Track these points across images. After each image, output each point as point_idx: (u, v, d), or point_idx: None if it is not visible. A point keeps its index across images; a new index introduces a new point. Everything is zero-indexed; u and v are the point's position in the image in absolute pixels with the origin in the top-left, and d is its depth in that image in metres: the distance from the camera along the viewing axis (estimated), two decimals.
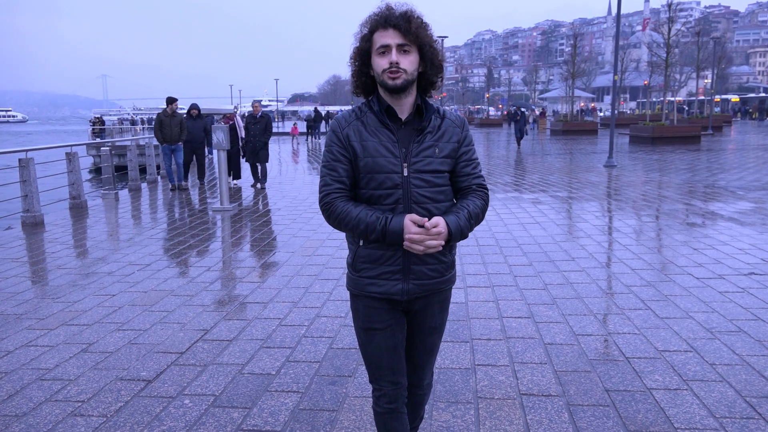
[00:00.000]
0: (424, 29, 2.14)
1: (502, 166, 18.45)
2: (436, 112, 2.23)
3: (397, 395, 2.36)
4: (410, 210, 2.14)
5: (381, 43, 2.11)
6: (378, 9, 2.15)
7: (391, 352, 2.31)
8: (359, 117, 2.20)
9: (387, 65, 2.10)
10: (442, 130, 2.21)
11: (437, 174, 2.18)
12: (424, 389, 2.55)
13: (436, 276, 2.27)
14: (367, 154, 2.15)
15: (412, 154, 2.15)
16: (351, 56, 2.22)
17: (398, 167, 2.14)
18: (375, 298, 2.26)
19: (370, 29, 2.15)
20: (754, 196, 11.44)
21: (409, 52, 2.12)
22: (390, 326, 2.29)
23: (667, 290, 5.51)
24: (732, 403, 3.40)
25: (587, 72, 61.69)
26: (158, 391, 3.66)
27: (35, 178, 9.52)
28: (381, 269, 2.22)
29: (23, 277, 6.31)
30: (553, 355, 4.12)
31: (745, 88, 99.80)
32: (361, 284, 2.28)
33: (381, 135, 2.16)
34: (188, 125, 13.82)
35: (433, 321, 2.39)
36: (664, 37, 29.39)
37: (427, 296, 2.31)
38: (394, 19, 2.10)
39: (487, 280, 5.92)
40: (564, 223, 8.96)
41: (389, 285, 2.22)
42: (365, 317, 2.31)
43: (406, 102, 2.19)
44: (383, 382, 2.34)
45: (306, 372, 3.91)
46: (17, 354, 4.26)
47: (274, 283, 5.94)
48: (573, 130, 38.63)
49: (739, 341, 4.29)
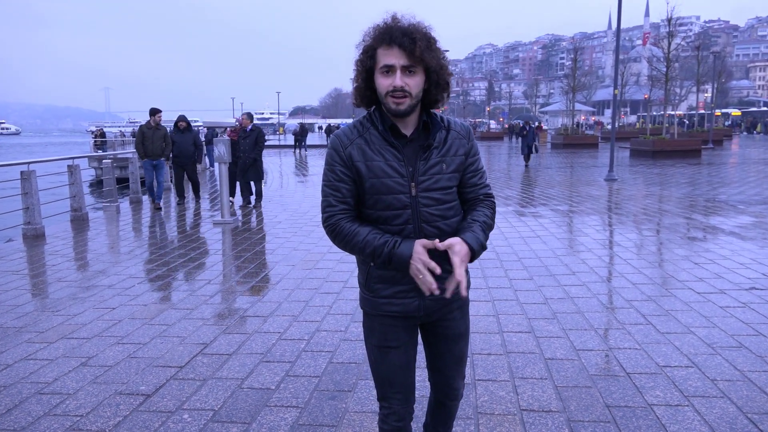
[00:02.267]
0: (430, 48, 2.01)
1: (503, 179, 18.47)
2: (442, 124, 2.14)
3: (406, 413, 2.34)
4: (420, 229, 2.09)
5: (385, 63, 1.99)
6: (383, 21, 2.02)
7: (404, 369, 2.29)
8: (362, 134, 2.11)
9: (391, 87, 1.99)
10: (448, 144, 2.13)
11: (446, 191, 2.12)
12: (459, 398, 2.51)
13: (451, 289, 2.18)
14: (372, 175, 2.06)
15: (419, 172, 2.08)
16: (354, 67, 2.10)
17: (406, 187, 2.06)
18: (392, 317, 2.22)
19: (372, 44, 2.02)
20: (755, 210, 11.43)
21: (415, 72, 2.01)
22: (404, 345, 2.27)
23: (668, 305, 5.49)
24: (733, 420, 3.38)
25: (588, 86, 62.00)
26: (157, 406, 3.65)
27: (37, 190, 9.54)
28: (395, 288, 2.18)
29: (23, 289, 6.31)
30: (554, 370, 4.10)
31: (746, 102, 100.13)
32: (376, 304, 2.23)
33: (386, 154, 2.07)
34: (176, 139, 12.89)
35: (457, 328, 2.34)
36: (664, 51, 29.52)
37: (445, 307, 2.26)
38: (399, 38, 1.96)
39: (488, 294, 5.91)
40: (565, 237, 8.96)
41: (405, 303, 2.19)
42: (381, 336, 2.25)
43: (411, 119, 2.10)
44: (394, 401, 2.30)
45: (306, 387, 3.89)
46: (16, 367, 4.25)
47: (274, 296, 5.93)
48: (573, 143, 38.73)
49: (740, 357, 4.28)
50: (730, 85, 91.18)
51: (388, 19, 2.01)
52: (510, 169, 22.50)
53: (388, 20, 2.01)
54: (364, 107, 2.16)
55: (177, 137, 12.95)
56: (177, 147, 12.86)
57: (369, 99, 2.11)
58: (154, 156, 12.31)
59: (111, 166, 13.73)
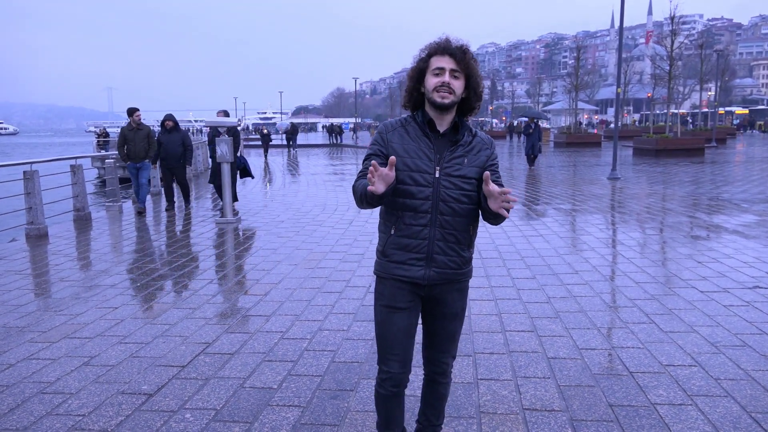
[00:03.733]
0: (474, 61, 2.52)
1: (505, 178, 18.46)
2: (469, 130, 2.60)
3: (402, 380, 2.67)
4: (436, 206, 2.51)
5: (437, 66, 2.49)
6: (438, 39, 2.55)
7: (405, 333, 2.62)
8: (404, 125, 2.60)
9: (439, 83, 2.47)
10: (472, 145, 2.58)
11: (464, 179, 2.52)
12: (448, 377, 2.80)
13: (454, 267, 2.58)
14: (407, 155, 2.52)
15: (444, 160, 2.52)
16: (408, 74, 2.61)
17: (432, 169, 2.50)
18: (400, 280, 2.58)
19: (428, 53, 2.53)
20: (758, 209, 11.40)
21: (459, 78, 2.50)
22: (409, 308, 2.61)
23: (671, 304, 5.48)
24: (737, 419, 3.37)
25: (590, 84, 61.82)
26: (159, 405, 3.65)
27: (40, 190, 9.55)
28: (408, 255, 2.56)
29: (26, 289, 6.31)
30: (557, 369, 4.09)
31: (749, 100, 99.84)
32: (389, 268, 2.60)
33: (420, 141, 2.54)
34: (163, 140, 11.87)
35: (454, 307, 2.68)
36: (667, 49, 29.49)
37: (445, 284, 2.60)
38: (451, 49, 2.48)
39: (491, 293, 5.91)
40: (567, 235, 8.94)
41: (413, 270, 2.55)
42: (390, 297, 2.61)
43: (447, 118, 2.56)
44: (392, 363, 2.63)
45: (308, 386, 3.89)
46: (19, 367, 4.25)
47: (276, 295, 5.93)
48: (576, 142, 38.67)
49: (744, 356, 4.26)
50: (733, 84, 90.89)
51: (442, 37, 2.55)
52: (512, 168, 22.47)
53: (443, 38, 2.54)
54: (410, 108, 2.64)
55: (164, 138, 11.94)
56: (164, 149, 11.90)
57: (415, 100, 2.60)
58: (138, 158, 11.47)
59: (114, 165, 13.74)
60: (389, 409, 2.72)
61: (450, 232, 2.53)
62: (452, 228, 2.53)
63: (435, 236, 2.52)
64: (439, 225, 2.51)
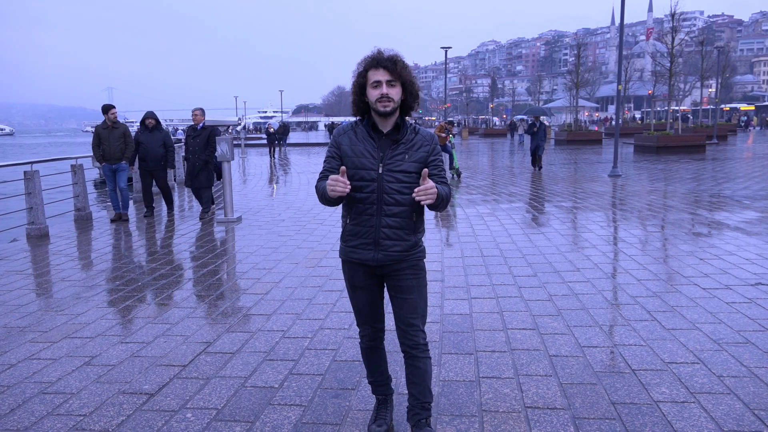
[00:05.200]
0: (405, 69, 2.84)
1: (506, 176, 18.43)
2: (412, 129, 2.93)
3: (376, 336, 3.19)
4: (381, 199, 2.84)
5: (374, 79, 2.81)
6: (371, 53, 2.84)
7: (369, 305, 3.10)
8: (353, 128, 2.95)
9: (379, 95, 2.79)
10: (413, 142, 2.89)
11: (405, 173, 2.85)
12: (423, 351, 3.02)
13: (400, 250, 2.92)
14: (354, 154, 2.88)
15: (387, 157, 2.85)
16: (351, 88, 2.91)
17: (375, 166, 2.85)
18: (355, 263, 2.99)
19: (365, 68, 2.84)
20: (760, 205, 11.38)
21: (395, 85, 2.81)
22: (367, 285, 3.04)
23: (674, 301, 5.46)
24: (740, 416, 3.36)
25: (591, 82, 61.79)
26: (160, 405, 3.64)
27: (40, 190, 9.54)
28: (359, 241, 2.94)
29: (27, 289, 6.31)
30: (559, 367, 4.08)
31: (750, 97, 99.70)
32: (346, 252, 3.02)
33: (366, 142, 2.88)
34: (142, 140, 10.88)
35: (408, 282, 2.98)
36: (668, 46, 29.45)
37: (395, 263, 2.94)
38: (384, 62, 2.79)
39: (492, 291, 5.89)
40: (569, 233, 8.93)
41: (364, 253, 2.94)
42: (349, 277, 3.07)
43: (390, 121, 2.89)
44: (365, 326, 3.17)
45: (309, 385, 3.88)
46: (20, 367, 4.25)
47: (277, 294, 5.92)
48: (577, 139, 38.63)
49: (746, 353, 4.25)
50: (734, 80, 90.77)
51: (375, 51, 2.84)
52: (513, 166, 22.45)
53: (375, 52, 2.83)
54: (359, 116, 2.96)
55: (143, 137, 10.92)
56: (143, 149, 10.90)
57: (362, 109, 2.93)
58: (114, 159, 10.55)
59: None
60: (371, 359, 3.24)
61: (394, 220, 2.87)
62: (396, 216, 2.86)
63: (381, 224, 2.87)
64: (384, 214, 2.86)
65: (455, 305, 5.41)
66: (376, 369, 3.27)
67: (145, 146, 10.89)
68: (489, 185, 15.62)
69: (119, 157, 10.57)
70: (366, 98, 2.87)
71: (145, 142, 10.89)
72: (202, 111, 11.00)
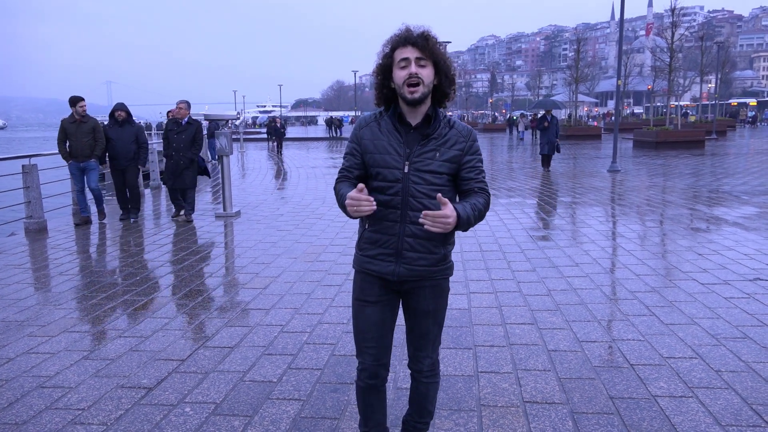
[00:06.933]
0: (438, 46, 2.42)
1: (505, 171, 18.42)
2: (447, 122, 2.50)
3: (378, 372, 2.62)
4: (406, 202, 2.43)
5: (401, 57, 2.39)
6: (399, 30, 2.45)
7: (378, 325, 2.57)
8: (377, 119, 2.54)
9: (407, 76, 2.36)
10: (447, 138, 2.47)
11: (435, 174, 2.44)
12: (427, 377, 2.70)
13: (425, 264, 2.50)
14: (376, 150, 2.47)
15: (414, 154, 2.44)
16: (374, 71, 2.51)
17: (400, 164, 2.43)
18: (370, 274, 2.55)
19: (391, 47, 2.44)
20: (758, 200, 11.38)
21: (426, 66, 2.39)
22: (381, 302, 2.57)
23: (672, 296, 5.47)
24: (738, 411, 3.36)
25: (591, 77, 61.69)
26: (159, 399, 3.64)
27: (39, 184, 9.52)
28: (378, 250, 2.51)
29: (26, 283, 6.30)
30: (557, 362, 4.08)
31: (749, 92, 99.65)
32: (361, 261, 2.58)
33: (390, 136, 2.47)
34: (112, 135, 9.70)
35: (426, 305, 2.59)
36: (668, 41, 29.39)
37: (417, 281, 2.53)
38: (413, 38, 2.38)
39: (491, 285, 5.89)
40: (568, 228, 8.93)
41: (383, 265, 2.51)
42: (360, 290, 2.60)
43: (420, 111, 2.46)
44: (366, 356, 2.60)
45: (308, 379, 3.88)
46: (18, 361, 4.24)
47: (276, 289, 5.92)
48: (576, 135, 38.60)
49: (744, 348, 4.25)
50: (733, 76, 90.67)
51: (402, 28, 2.45)
52: (512, 161, 22.44)
53: (403, 29, 2.44)
54: (383, 105, 2.55)
55: (114, 133, 9.75)
56: (113, 146, 9.74)
57: (386, 97, 2.51)
58: (82, 157, 9.50)
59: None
60: (367, 402, 2.69)
61: (421, 228, 2.38)
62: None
63: (405, 232, 2.45)
64: (409, 221, 2.43)
65: (454, 300, 5.41)
66: (371, 416, 2.73)
67: (116, 142, 9.73)
68: (488, 180, 15.54)
69: (88, 155, 9.52)
70: (392, 83, 2.45)
71: (115, 138, 9.74)
72: (188, 104, 10.05)
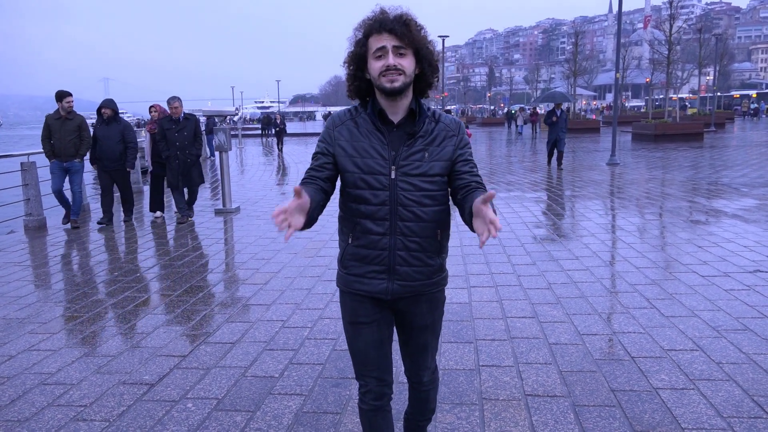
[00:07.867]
0: (419, 31, 2.13)
1: (503, 165, 18.41)
2: (431, 115, 2.22)
3: (383, 393, 2.36)
4: (395, 212, 2.15)
5: (377, 46, 2.09)
6: (372, 13, 2.14)
7: (377, 346, 2.31)
8: (353, 117, 2.22)
9: (384, 68, 2.07)
10: (434, 134, 2.19)
11: (425, 178, 2.16)
12: (426, 385, 2.53)
13: (420, 278, 2.24)
14: (357, 154, 2.16)
15: (401, 157, 2.14)
16: (345, 61, 2.21)
17: (386, 169, 2.14)
18: (360, 295, 2.27)
19: (364, 34, 2.13)
20: (758, 192, 11.39)
21: (405, 54, 2.10)
22: (376, 321, 2.29)
23: (672, 288, 5.47)
24: (739, 403, 3.37)
25: (589, 70, 61.70)
26: (161, 395, 3.64)
27: (38, 181, 9.51)
28: (367, 268, 2.22)
29: (26, 281, 6.30)
30: (558, 355, 4.09)
31: (748, 84, 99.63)
32: (348, 281, 2.28)
33: (372, 137, 2.16)
34: (99, 134, 9.08)
35: (422, 320, 2.36)
36: (666, 34, 29.38)
37: (413, 296, 2.28)
38: (389, 23, 2.07)
39: (491, 279, 5.90)
40: (567, 221, 8.93)
41: (374, 284, 2.23)
42: (352, 312, 2.31)
43: (401, 105, 2.17)
44: (369, 378, 2.34)
45: (309, 374, 3.88)
46: (19, 358, 4.25)
47: (277, 284, 5.92)
48: (575, 128, 38.56)
49: (745, 339, 4.26)
50: (732, 68, 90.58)
51: (376, 10, 2.13)
52: (510, 154, 22.42)
53: (377, 11, 2.12)
54: (358, 98, 2.24)
55: (100, 131, 9.11)
56: (99, 146, 9.10)
57: (361, 90, 2.21)
58: (65, 156, 8.93)
59: None
60: (374, 426, 2.40)
61: (413, 240, 2.17)
62: (416, 235, 2.17)
63: (396, 245, 2.17)
64: (400, 233, 2.16)
65: (454, 294, 5.41)
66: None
67: (102, 142, 9.09)
68: (487, 174, 15.59)
69: (72, 154, 8.97)
70: (367, 74, 2.16)
71: (101, 137, 9.10)
72: (181, 101, 9.46)
